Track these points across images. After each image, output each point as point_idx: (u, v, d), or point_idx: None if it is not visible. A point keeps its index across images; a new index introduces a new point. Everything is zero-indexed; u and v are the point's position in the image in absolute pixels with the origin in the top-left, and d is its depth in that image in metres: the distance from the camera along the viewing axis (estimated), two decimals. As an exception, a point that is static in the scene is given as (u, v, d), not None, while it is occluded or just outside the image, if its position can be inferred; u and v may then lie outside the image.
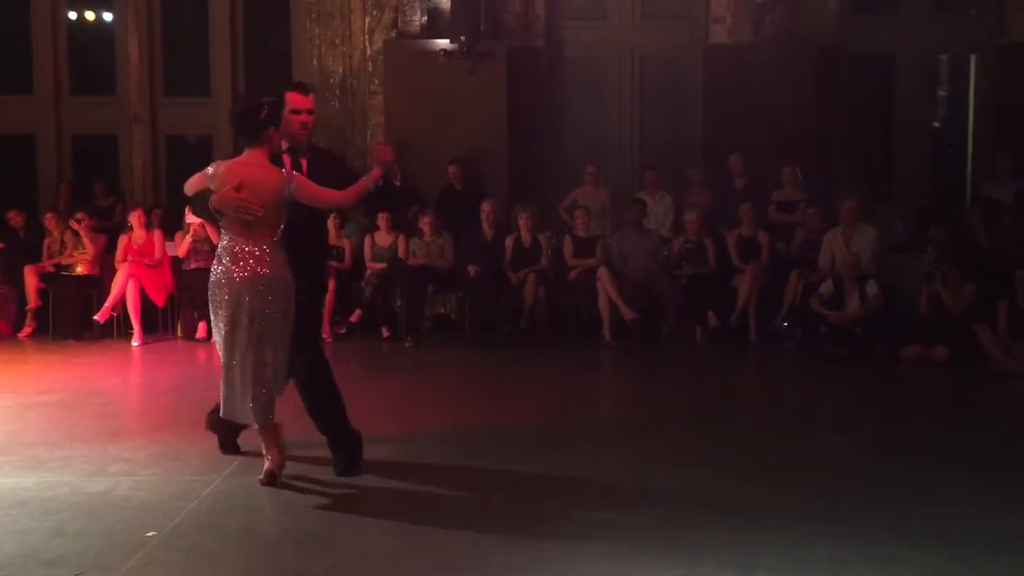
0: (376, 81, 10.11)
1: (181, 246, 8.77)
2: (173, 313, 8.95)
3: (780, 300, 8.45)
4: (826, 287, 7.98)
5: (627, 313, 8.43)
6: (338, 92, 10.31)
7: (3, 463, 4.66)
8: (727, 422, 5.83)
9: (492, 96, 9.65)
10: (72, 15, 11.02)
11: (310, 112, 4.57)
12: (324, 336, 8.57)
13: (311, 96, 4.62)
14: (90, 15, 11.17)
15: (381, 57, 10.02)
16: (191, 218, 8.59)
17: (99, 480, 4.42)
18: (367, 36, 10.18)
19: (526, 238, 8.93)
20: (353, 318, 8.78)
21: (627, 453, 5.05)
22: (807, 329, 8.09)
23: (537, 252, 8.92)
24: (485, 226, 9.07)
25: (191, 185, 4.50)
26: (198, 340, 8.53)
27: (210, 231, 8.72)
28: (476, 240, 9.04)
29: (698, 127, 10.04)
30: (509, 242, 8.94)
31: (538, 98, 10.02)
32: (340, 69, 10.31)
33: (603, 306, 8.50)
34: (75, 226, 8.98)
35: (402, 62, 9.82)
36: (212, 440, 5.12)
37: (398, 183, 4.74)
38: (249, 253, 4.28)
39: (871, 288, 7.84)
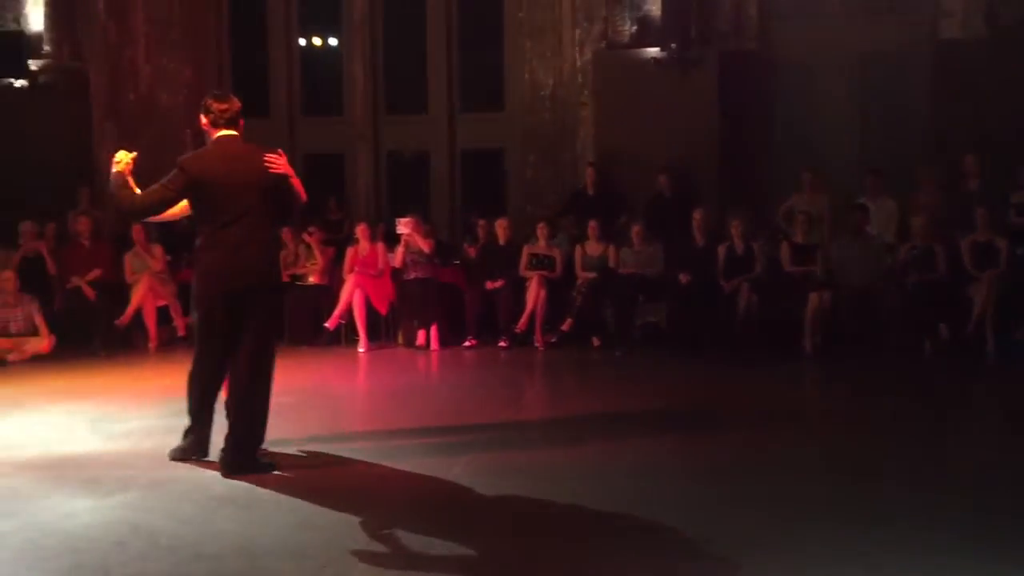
0: (586, 92, 10.23)
1: (396, 257, 9.19)
2: (395, 321, 9.39)
3: (1021, 311, 7.84)
4: (1076, 297, 7.33)
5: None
6: (548, 104, 10.53)
7: (261, 453, 5.07)
8: (945, 439, 5.47)
9: (703, 102, 9.55)
10: (302, 41, 11.86)
11: None
12: (536, 344, 8.80)
13: None
14: (317, 40, 11.98)
15: (590, 68, 10.14)
16: (403, 230, 9.03)
17: (339, 477, 4.73)
18: (577, 48, 10.32)
19: (739, 246, 8.76)
20: (564, 327, 8.91)
21: (823, 472, 4.81)
22: (1053, 342, 7.46)
23: (750, 260, 8.73)
24: (696, 234, 8.98)
25: None
26: (418, 347, 8.92)
27: (422, 242, 9.11)
28: (687, 248, 8.96)
29: (924, 128, 9.51)
30: (721, 250, 8.80)
31: (751, 102, 9.82)
32: (550, 81, 10.52)
33: (810, 318, 8.22)
34: (307, 239, 9.63)
35: (612, 72, 9.89)
36: (441, 438, 5.38)
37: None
38: None
39: None
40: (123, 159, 4.76)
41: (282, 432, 5.59)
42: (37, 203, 9.54)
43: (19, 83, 10.31)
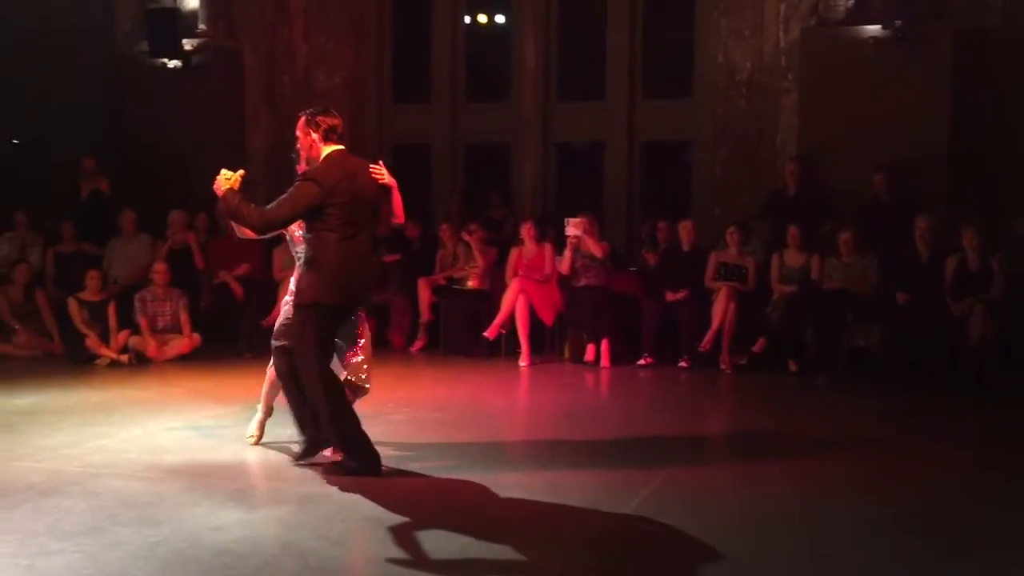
0: (790, 76, 9.99)
1: (564, 261, 9.21)
2: (561, 333, 9.44)
3: None
4: None
5: None
6: (744, 90, 10.35)
7: (419, 469, 5.23)
8: None
9: (932, 90, 9.16)
10: (467, 19, 12.10)
11: None
12: (723, 367, 8.66)
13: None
14: (484, 18, 12.20)
15: (796, 48, 9.90)
16: (573, 231, 9.05)
17: (502, 504, 4.80)
18: (781, 25, 10.10)
19: (973, 260, 8.35)
20: (756, 347, 8.73)
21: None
22: None
23: (986, 277, 8.30)
24: (919, 245, 8.62)
25: None
26: (586, 363, 8.93)
27: (594, 246, 9.11)
28: (907, 261, 8.61)
29: None
30: (951, 264, 8.41)
31: (992, 90, 9.32)
32: (748, 64, 10.33)
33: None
34: (466, 238, 9.80)
35: (822, 54, 9.64)
36: (609, 473, 5.38)
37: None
38: None
39: None
40: (231, 177, 5.19)
41: (436, 451, 5.75)
42: (187, 191, 10.15)
43: (172, 63, 10.99)
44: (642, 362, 8.90)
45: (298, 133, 5.29)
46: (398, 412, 6.88)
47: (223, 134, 10.87)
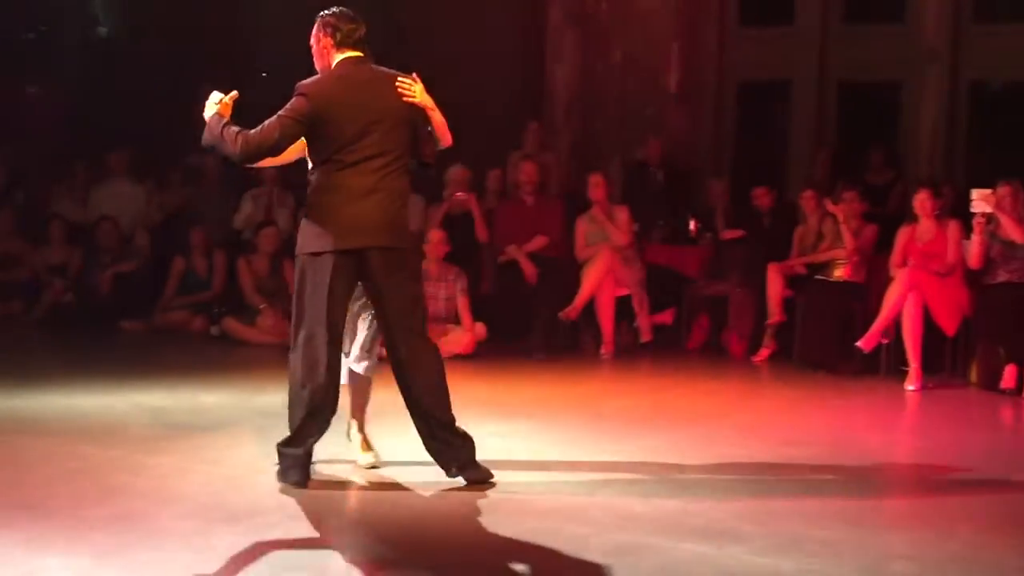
0: None
1: (972, 249, 8.88)
2: (968, 347, 9.12)
3: None
4: None
5: None
6: None
7: (753, 534, 5.13)
8: None
9: None
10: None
11: None
12: None
13: None
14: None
15: None
16: (982, 207, 8.74)
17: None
18: None
19: None
20: None
21: None
22: None
23: None
24: None
25: None
26: (1003, 392, 8.58)
27: (1013, 226, 8.61)
28: None
29: None
30: None
31: None
32: None
33: None
34: (832, 209, 9.55)
35: None
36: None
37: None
38: None
39: None
40: (221, 99, 5.63)
41: (799, 501, 5.69)
42: (472, 139, 10.45)
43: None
44: (1089, 393, 8.49)
45: (311, 41, 5.68)
46: (739, 444, 6.88)
47: (517, 65, 11.15)
